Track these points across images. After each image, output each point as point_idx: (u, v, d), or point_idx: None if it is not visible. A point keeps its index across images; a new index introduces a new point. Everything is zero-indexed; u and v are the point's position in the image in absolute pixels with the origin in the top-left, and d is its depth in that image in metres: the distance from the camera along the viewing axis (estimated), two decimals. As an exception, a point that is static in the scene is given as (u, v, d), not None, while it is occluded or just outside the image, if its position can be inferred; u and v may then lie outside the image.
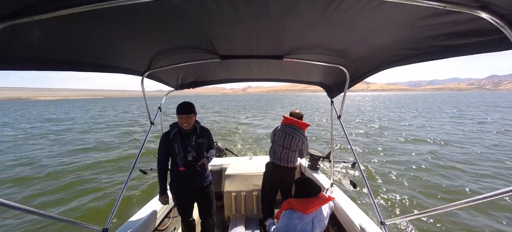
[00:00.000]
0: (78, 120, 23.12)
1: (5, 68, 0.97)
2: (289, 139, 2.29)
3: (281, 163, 2.33)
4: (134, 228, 1.83)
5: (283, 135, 2.33)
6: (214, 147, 2.22)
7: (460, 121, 16.55)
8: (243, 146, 9.20)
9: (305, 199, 1.57)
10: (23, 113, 37.43)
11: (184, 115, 1.79)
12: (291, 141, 2.29)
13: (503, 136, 10.59)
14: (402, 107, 33.38)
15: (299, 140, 2.29)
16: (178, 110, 1.77)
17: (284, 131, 2.33)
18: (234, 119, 20.22)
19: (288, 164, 2.33)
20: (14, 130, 16.60)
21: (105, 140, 11.61)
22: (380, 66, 1.54)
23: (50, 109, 49.21)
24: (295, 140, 2.28)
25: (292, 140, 2.29)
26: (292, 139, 2.29)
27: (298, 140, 2.29)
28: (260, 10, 0.95)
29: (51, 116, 29.13)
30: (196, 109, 1.87)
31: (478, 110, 25.53)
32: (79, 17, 0.87)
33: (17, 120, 24.16)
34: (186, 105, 1.81)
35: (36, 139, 12.30)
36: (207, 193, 2.06)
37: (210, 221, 2.11)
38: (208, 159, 2.00)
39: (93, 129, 16.17)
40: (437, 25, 0.92)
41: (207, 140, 2.03)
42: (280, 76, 2.55)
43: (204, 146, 1.99)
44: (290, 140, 2.29)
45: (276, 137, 2.41)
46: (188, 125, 1.83)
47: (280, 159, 2.34)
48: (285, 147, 2.31)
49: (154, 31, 1.16)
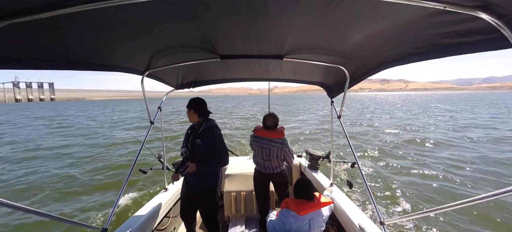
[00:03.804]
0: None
1: (5, 67, 0.97)
2: (267, 151, 2.22)
3: (266, 171, 2.30)
4: (133, 228, 1.83)
5: (259, 149, 2.24)
6: (220, 158, 1.94)
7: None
8: (244, 146, 9.14)
9: (301, 200, 1.61)
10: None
11: (187, 108, 1.93)
12: (270, 153, 2.22)
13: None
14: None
15: (277, 150, 2.20)
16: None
17: (259, 145, 2.22)
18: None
19: (274, 170, 2.29)
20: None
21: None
22: (380, 65, 1.54)
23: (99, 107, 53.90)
24: (273, 151, 2.20)
25: (270, 152, 2.21)
26: (269, 151, 2.21)
27: (276, 149, 2.20)
28: (260, 10, 0.95)
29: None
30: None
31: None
32: (79, 16, 0.87)
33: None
34: (190, 100, 1.92)
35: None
36: (205, 202, 1.99)
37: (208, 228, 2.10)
38: (201, 168, 1.83)
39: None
40: (437, 24, 0.93)
41: (208, 145, 1.85)
42: (280, 76, 2.53)
43: (200, 148, 1.85)
44: (268, 152, 2.22)
45: (253, 149, 2.34)
46: (190, 120, 1.94)
47: (264, 168, 2.30)
48: (266, 159, 2.25)
49: (154, 30, 1.16)
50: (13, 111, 48.65)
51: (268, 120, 2.21)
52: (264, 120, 2.24)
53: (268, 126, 2.21)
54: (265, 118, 2.23)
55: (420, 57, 1.20)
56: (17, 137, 13.61)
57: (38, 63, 1.07)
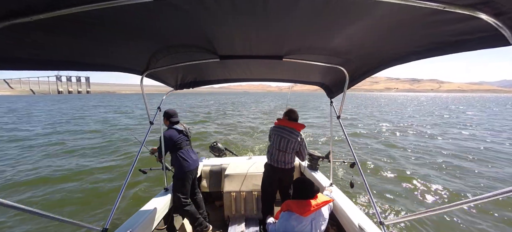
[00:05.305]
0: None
1: (5, 67, 0.97)
2: (285, 142, 2.26)
3: (278, 165, 2.31)
4: (133, 228, 1.84)
5: (278, 139, 2.29)
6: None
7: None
8: (243, 146, 9.25)
9: (303, 201, 1.58)
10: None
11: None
12: (287, 144, 2.25)
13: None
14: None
15: (295, 143, 2.24)
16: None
17: (279, 134, 2.29)
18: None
19: (286, 165, 2.31)
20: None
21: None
22: (379, 65, 1.54)
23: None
24: (291, 142, 2.24)
25: (288, 143, 2.25)
26: (287, 142, 2.25)
27: (294, 142, 2.24)
28: (260, 10, 0.95)
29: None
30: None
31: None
32: (78, 17, 0.86)
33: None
34: (164, 111, 2.59)
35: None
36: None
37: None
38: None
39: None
40: (436, 23, 0.93)
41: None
42: (279, 76, 2.53)
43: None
44: (286, 143, 2.25)
45: (271, 139, 2.38)
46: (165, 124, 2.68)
47: (277, 161, 2.31)
48: (281, 150, 2.28)
49: (154, 30, 1.17)
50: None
51: (291, 113, 2.37)
52: (287, 113, 2.38)
53: (291, 118, 2.34)
54: (288, 112, 2.39)
55: (419, 56, 1.21)
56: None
57: (38, 63, 1.09)
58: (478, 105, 42.38)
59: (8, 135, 11.49)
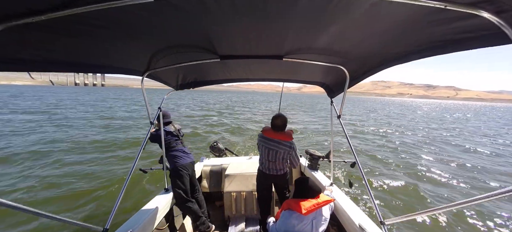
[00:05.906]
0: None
1: (7, 68, 0.97)
2: (273, 153, 2.18)
3: (270, 173, 2.27)
4: (134, 228, 1.84)
5: (266, 150, 2.21)
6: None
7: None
8: (243, 146, 9.17)
9: (304, 200, 1.56)
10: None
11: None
12: (276, 155, 2.18)
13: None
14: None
15: (284, 152, 2.17)
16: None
17: (266, 146, 2.19)
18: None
19: (278, 172, 2.27)
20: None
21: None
22: (380, 65, 1.53)
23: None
24: (280, 153, 2.17)
25: (276, 154, 2.18)
26: (276, 153, 2.17)
27: (283, 152, 2.17)
28: (260, 10, 0.95)
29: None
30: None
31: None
32: (79, 18, 0.87)
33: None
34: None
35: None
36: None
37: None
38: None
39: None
40: (438, 22, 0.92)
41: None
42: (280, 76, 2.51)
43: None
44: (274, 154, 2.18)
45: (259, 150, 2.32)
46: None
47: (269, 169, 2.27)
48: (270, 160, 2.22)
49: (154, 31, 1.17)
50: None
51: (277, 120, 2.15)
52: (272, 120, 2.18)
53: (277, 126, 2.16)
54: (273, 119, 2.17)
55: (420, 55, 1.20)
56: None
57: (39, 65, 1.08)
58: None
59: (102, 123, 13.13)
